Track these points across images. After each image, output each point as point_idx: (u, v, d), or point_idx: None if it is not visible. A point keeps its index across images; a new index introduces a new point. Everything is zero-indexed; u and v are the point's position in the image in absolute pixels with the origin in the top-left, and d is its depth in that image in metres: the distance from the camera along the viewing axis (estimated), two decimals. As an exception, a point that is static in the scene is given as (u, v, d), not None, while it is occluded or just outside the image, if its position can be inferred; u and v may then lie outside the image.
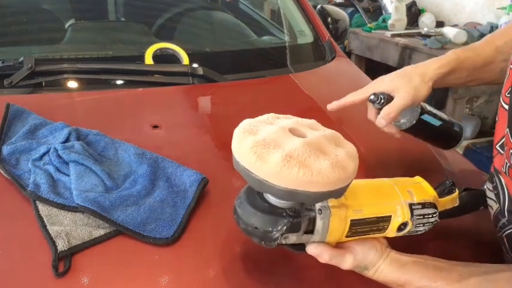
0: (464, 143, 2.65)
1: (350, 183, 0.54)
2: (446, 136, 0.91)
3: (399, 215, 0.60)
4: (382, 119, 0.78)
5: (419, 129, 0.84)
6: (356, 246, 0.60)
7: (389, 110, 0.77)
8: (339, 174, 0.51)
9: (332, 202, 0.57)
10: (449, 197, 0.69)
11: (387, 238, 0.63)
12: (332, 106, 0.84)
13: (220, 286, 0.64)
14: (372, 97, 0.79)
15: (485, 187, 0.74)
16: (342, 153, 0.54)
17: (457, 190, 0.70)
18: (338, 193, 0.54)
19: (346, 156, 0.54)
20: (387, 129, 0.83)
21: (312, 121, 0.61)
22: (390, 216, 0.60)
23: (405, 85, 0.78)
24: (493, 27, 2.82)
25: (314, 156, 0.52)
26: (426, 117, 0.83)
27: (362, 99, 0.81)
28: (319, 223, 0.56)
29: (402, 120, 0.83)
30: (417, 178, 0.67)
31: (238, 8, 1.93)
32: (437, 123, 0.85)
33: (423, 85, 0.78)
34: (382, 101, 0.78)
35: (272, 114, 0.60)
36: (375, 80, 0.83)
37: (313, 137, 0.55)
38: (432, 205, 0.63)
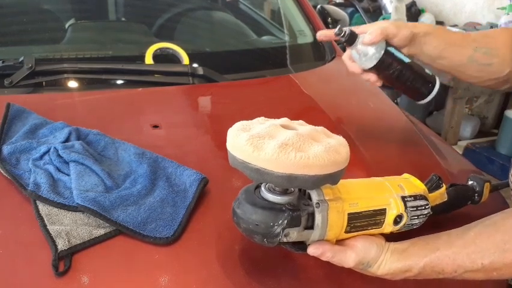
0: (463, 143, 2.65)
1: (344, 168, 0.56)
2: (418, 77, 0.93)
3: (394, 207, 0.62)
4: (368, 34, 0.86)
5: (389, 64, 0.89)
6: (357, 243, 0.61)
7: (372, 29, 0.86)
8: (334, 157, 0.53)
9: (328, 196, 0.58)
10: (437, 192, 0.72)
11: (385, 235, 0.64)
12: (319, 34, 0.96)
13: (220, 286, 0.64)
14: (336, 30, 0.88)
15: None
16: (334, 141, 0.57)
17: (444, 185, 0.73)
18: (335, 178, 0.55)
19: (337, 143, 0.56)
20: (363, 74, 0.92)
21: (300, 121, 0.63)
22: (385, 209, 0.62)
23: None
24: (492, 27, 2.82)
25: (308, 143, 0.54)
26: (392, 49, 0.89)
27: (332, 33, 0.90)
28: (318, 217, 0.57)
29: (371, 52, 0.88)
30: (405, 175, 0.70)
31: (238, 8, 1.92)
32: (406, 59, 0.91)
33: (398, 25, 0.87)
34: (347, 32, 0.87)
35: (262, 118, 0.62)
36: None
37: (305, 129, 0.58)
38: (424, 197, 0.66)
